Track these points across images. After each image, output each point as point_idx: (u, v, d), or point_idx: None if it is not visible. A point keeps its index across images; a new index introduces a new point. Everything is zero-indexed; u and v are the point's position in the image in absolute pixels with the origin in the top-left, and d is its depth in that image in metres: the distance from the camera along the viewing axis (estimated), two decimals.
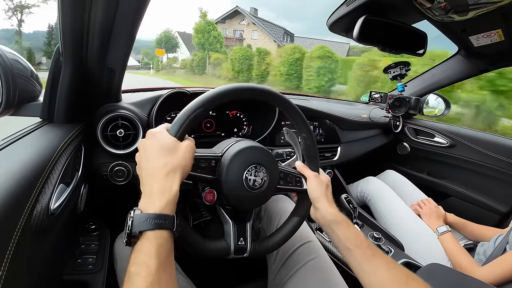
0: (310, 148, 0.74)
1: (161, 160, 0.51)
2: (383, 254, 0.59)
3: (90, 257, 0.81)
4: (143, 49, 44.86)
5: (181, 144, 0.54)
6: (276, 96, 0.68)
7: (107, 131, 0.89)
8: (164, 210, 0.46)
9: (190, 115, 0.57)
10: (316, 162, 0.74)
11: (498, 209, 1.49)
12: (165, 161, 0.51)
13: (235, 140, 0.71)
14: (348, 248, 0.61)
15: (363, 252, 0.59)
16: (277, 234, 0.73)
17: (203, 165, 0.63)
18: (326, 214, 0.66)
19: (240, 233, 0.68)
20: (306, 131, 0.72)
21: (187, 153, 0.54)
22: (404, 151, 1.84)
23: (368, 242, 0.60)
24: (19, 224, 0.44)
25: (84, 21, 0.63)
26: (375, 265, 0.57)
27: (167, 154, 0.52)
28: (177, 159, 0.52)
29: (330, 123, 1.50)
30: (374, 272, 0.56)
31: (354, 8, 1.11)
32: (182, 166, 0.52)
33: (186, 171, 0.54)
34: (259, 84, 0.65)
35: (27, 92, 0.71)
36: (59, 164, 0.62)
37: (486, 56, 1.39)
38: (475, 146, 1.55)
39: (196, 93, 1.02)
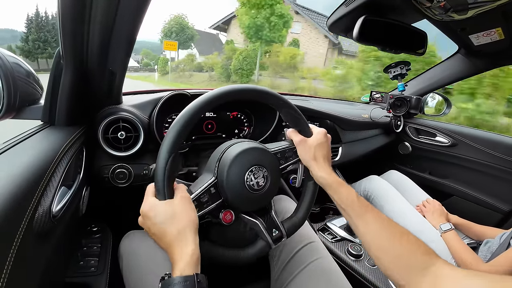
0: (294, 116, 0.73)
1: (168, 231, 0.53)
2: (377, 211, 0.61)
3: (92, 259, 0.81)
4: (143, 50, 43.60)
5: (174, 203, 0.55)
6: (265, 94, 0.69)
7: (108, 134, 0.89)
8: (184, 272, 0.48)
9: (168, 159, 0.56)
10: (302, 125, 0.73)
11: (501, 208, 1.48)
12: (171, 229, 0.52)
13: (234, 142, 0.71)
14: (342, 207, 0.64)
15: (355, 210, 0.61)
16: (301, 206, 0.77)
17: (205, 199, 0.64)
18: (317, 178, 0.69)
19: (270, 225, 0.71)
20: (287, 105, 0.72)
21: (185, 207, 0.56)
22: (405, 151, 1.83)
23: (360, 201, 0.62)
24: (21, 227, 0.44)
25: (84, 24, 0.63)
26: (367, 220, 0.59)
27: (170, 223, 0.53)
28: (180, 219, 0.54)
29: (331, 124, 1.49)
30: (367, 226, 0.59)
31: (353, 8, 1.11)
32: (187, 221, 0.54)
33: (194, 222, 0.56)
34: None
35: (28, 95, 0.71)
36: (61, 166, 0.63)
37: (487, 55, 1.39)
38: (476, 145, 1.55)
39: (196, 94, 1.02)
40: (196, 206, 0.60)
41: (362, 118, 1.63)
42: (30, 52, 30.26)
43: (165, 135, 0.57)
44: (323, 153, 0.71)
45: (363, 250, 1.11)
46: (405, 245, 0.54)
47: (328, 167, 0.70)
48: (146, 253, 0.78)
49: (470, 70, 1.54)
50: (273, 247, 0.70)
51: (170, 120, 1.07)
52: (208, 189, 0.64)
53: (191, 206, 0.57)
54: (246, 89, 0.67)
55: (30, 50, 30.24)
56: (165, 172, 0.56)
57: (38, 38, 30.42)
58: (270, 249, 0.71)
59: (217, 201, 0.65)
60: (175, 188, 0.59)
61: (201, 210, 0.62)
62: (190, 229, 0.53)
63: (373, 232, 0.58)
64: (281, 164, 0.73)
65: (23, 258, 0.44)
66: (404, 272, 0.52)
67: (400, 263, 0.53)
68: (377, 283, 0.97)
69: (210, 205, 0.64)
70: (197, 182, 0.66)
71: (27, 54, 30.13)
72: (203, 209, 0.62)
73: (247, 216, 0.70)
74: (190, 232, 0.53)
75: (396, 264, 0.54)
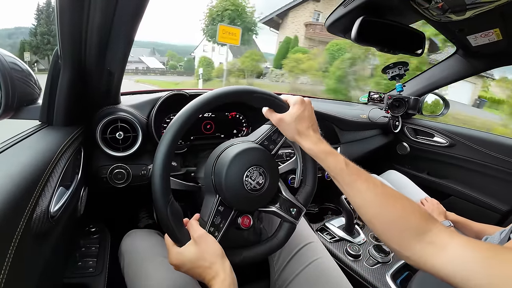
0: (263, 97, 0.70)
1: (199, 270, 0.57)
2: (368, 176, 0.60)
3: (90, 260, 0.81)
4: (168, 51, 41.60)
5: (194, 245, 0.58)
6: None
7: (106, 134, 0.88)
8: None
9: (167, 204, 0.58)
10: (274, 103, 0.69)
11: (499, 208, 1.49)
12: (202, 267, 0.56)
13: (229, 144, 0.71)
14: (332, 176, 0.63)
15: (344, 178, 0.60)
16: (307, 174, 0.78)
17: (218, 220, 0.66)
18: (305, 150, 0.67)
19: (286, 206, 0.73)
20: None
21: (205, 243, 0.58)
22: (403, 151, 1.84)
23: (349, 169, 0.60)
24: (19, 228, 0.44)
25: (82, 23, 0.63)
26: (358, 188, 0.58)
27: (198, 263, 0.57)
28: (205, 257, 0.57)
29: (329, 124, 1.50)
30: (358, 195, 0.58)
31: (351, 9, 1.12)
32: (211, 255, 0.57)
33: (218, 253, 0.58)
34: None
35: (26, 95, 0.71)
36: (59, 167, 0.62)
37: (484, 56, 1.40)
38: (474, 145, 1.55)
39: (195, 94, 1.02)
40: (214, 231, 0.64)
41: (360, 119, 1.63)
42: (39, 47, 27.66)
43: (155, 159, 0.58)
44: (305, 124, 0.67)
45: (361, 250, 1.11)
46: (399, 210, 0.53)
47: (314, 135, 0.66)
48: (147, 251, 0.79)
49: (468, 71, 1.54)
50: (297, 223, 0.73)
51: (168, 120, 1.06)
52: (217, 210, 0.65)
53: (209, 239, 0.60)
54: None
55: (39, 45, 27.66)
56: (169, 218, 0.58)
57: (48, 31, 27.68)
58: (295, 226, 0.74)
59: (229, 216, 0.67)
60: (188, 227, 0.62)
61: (219, 231, 0.65)
62: (217, 259, 0.57)
63: (365, 199, 0.57)
64: (272, 149, 0.73)
65: (21, 259, 0.43)
66: (398, 237, 0.52)
67: (394, 228, 0.53)
68: (376, 284, 0.97)
69: (225, 223, 0.66)
70: (204, 207, 0.68)
71: (35, 50, 27.44)
72: (221, 229, 0.65)
73: (262, 209, 0.72)
74: (218, 263, 0.56)
75: (390, 230, 0.54)
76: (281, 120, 0.67)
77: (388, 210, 0.54)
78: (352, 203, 0.60)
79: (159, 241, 0.84)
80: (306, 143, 0.65)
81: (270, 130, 0.73)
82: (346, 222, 1.22)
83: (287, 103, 0.69)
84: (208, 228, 0.64)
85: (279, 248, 0.73)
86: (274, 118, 0.69)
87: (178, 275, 0.72)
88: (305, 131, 0.66)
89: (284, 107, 0.69)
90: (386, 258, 1.07)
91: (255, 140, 0.72)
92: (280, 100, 0.69)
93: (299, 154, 0.79)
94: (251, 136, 0.75)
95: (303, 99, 0.69)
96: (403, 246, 0.51)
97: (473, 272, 0.42)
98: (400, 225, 0.52)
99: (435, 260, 0.47)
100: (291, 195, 0.74)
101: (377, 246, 1.12)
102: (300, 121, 0.66)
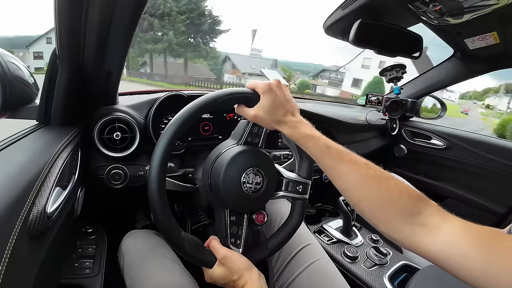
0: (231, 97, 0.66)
1: (234, 283, 0.61)
2: (352, 158, 0.56)
3: (87, 261, 0.80)
4: (281, 66, 35.01)
5: (223, 264, 0.63)
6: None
7: (104, 134, 0.88)
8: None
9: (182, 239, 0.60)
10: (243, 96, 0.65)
11: (496, 210, 1.50)
12: (235, 281, 0.61)
13: (226, 147, 0.71)
14: (315, 160, 0.61)
15: (326, 162, 0.57)
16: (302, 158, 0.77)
17: (235, 230, 0.68)
18: (287, 137, 0.63)
19: (292, 186, 0.74)
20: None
21: (231, 260, 0.63)
22: (401, 153, 1.84)
23: (331, 152, 0.57)
24: (16, 228, 0.43)
25: (80, 23, 0.63)
26: (341, 171, 0.55)
27: (231, 278, 0.61)
28: (234, 272, 0.62)
29: (326, 126, 1.50)
30: (342, 178, 0.56)
31: (350, 11, 1.12)
32: (239, 268, 0.62)
33: (245, 265, 0.63)
34: None
35: (23, 95, 0.70)
36: (56, 167, 0.62)
37: (482, 59, 1.40)
38: (471, 148, 1.56)
39: (192, 96, 1.02)
40: (235, 240, 0.67)
41: (358, 121, 1.63)
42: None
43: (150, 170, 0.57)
44: (281, 112, 0.62)
45: (359, 252, 1.11)
46: (385, 192, 0.50)
47: (292, 120, 0.62)
48: (147, 251, 0.80)
49: (465, 74, 1.55)
50: (307, 197, 0.75)
51: (166, 121, 1.06)
52: (230, 221, 0.67)
53: (233, 256, 0.63)
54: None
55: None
56: (190, 253, 0.61)
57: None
58: (307, 201, 0.76)
59: (244, 221, 0.69)
60: (211, 249, 0.65)
61: (241, 238, 0.68)
62: (244, 272, 0.61)
63: (350, 182, 0.54)
64: (257, 143, 0.72)
65: (17, 259, 0.43)
66: (387, 220, 0.50)
67: (382, 210, 0.51)
68: (374, 286, 0.98)
69: (243, 228, 0.68)
70: (217, 224, 0.70)
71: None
72: (241, 235, 0.68)
73: (272, 199, 0.73)
74: (246, 275, 0.61)
75: (378, 212, 0.52)
76: (255, 116, 0.63)
77: (374, 192, 0.51)
78: (337, 186, 0.57)
79: (159, 241, 0.84)
80: (285, 130, 0.62)
81: (247, 125, 0.71)
82: (344, 224, 1.22)
83: (256, 91, 0.64)
84: (229, 240, 0.66)
85: (299, 226, 0.75)
86: (248, 115, 0.65)
87: (178, 275, 0.73)
88: (282, 118, 0.62)
89: (254, 98, 0.64)
90: (384, 260, 1.07)
91: (238, 141, 0.71)
92: (247, 93, 0.65)
93: (297, 154, 0.79)
94: (232, 138, 0.73)
95: (270, 84, 0.63)
96: (393, 229, 0.49)
97: (467, 258, 0.40)
98: (388, 207, 0.50)
99: (426, 243, 0.45)
100: (293, 174, 0.75)
101: (375, 248, 1.12)
102: (274, 109, 0.62)
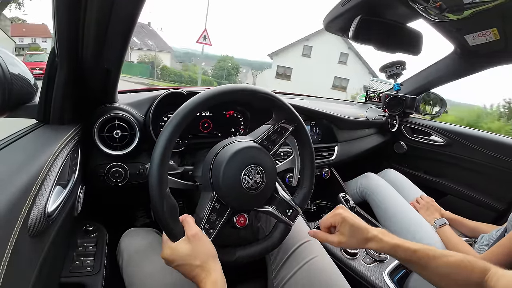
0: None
1: (191, 268, 0.57)
2: (435, 253, 0.61)
3: (88, 259, 0.80)
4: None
5: (188, 242, 0.58)
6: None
7: (103, 132, 0.88)
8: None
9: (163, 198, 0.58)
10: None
11: (495, 206, 1.50)
12: (193, 265, 0.57)
13: (227, 143, 0.71)
14: (404, 263, 0.66)
15: (416, 264, 0.62)
16: (304, 176, 0.79)
17: (214, 217, 0.66)
18: (378, 250, 0.67)
19: (282, 207, 0.74)
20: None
21: (199, 242, 0.59)
22: (401, 150, 1.84)
23: (418, 254, 0.61)
24: (16, 227, 0.43)
25: (79, 21, 0.63)
26: (430, 269, 0.60)
27: (190, 260, 0.57)
28: (197, 255, 0.57)
29: (327, 123, 1.50)
30: (432, 273, 0.60)
31: (350, 7, 1.12)
32: (204, 254, 0.58)
33: (211, 252, 0.60)
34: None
35: (23, 94, 0.70)
36: (56, 165, 0.62)
37: (482, 55, 1.40)
38: (471, 144, 1.56)
39: (192, 93, 1.02)
40: (209, 228, 0.64)
41: (358, 118, 1.63)
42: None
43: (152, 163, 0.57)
44: (361, 232, 0.66)
45: (358, 248, 1.11)
46: (464, 272, 0.57)
47: (374, 236, 0.66)
48: (146, 250, 0.80)
49: (465, 70, 1.55)
50: (292, 225, 0.75)
51: (166, 119, 1.06)
52: (213, 207, 0.65)
53: (203, 238, 0.60)
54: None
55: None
56: (165, 213, 0.58)
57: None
58: (290, 228, 0.75)
59: (225, 214, 0.67)
60: (183, 223, 0.61)
61: (215, 228, 0.65)
62: (209, 259, 0.58)
63: (439, 274, 0.60)
64: (270, 149, 0.73)
65: (18, 258, 0.43)
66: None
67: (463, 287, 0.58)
68: (373, 282, 0.98)
69: (221, 221, 0.66)
70: (200, 204, 0.68)
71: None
72: (216, 227, 0.65)
73: (258, 209, 0.72)
74: (210, 262, 0.57)
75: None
76: (339, 243, 0.68)
77: (457, 275, 0.58)
78: (428, 280, 0.62)
79: (158, 239, 0.84)
80: (374, 246, 0.66)
81: (270, 130, 0.73)
82: None
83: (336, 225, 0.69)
84: (203, 225, 0.64)
85: (273, 248, 0.74)
86: (332, 242, 0.69)
87: (176, 274, 0.73)
88: (366, 236, 0.66)
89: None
90: (383, 256, 1.07)
91: (255, 139, 0.72)
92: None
93: (297, 153, 0.79)
94: (250, 135, 0.75)
95: (339, 212, 0.69)
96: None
97: None
98: (465, 285, 0.57)
99: None
100: (287, 196, 0.75)
101: None
102: (354, 233, 0.66)
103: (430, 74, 1.69)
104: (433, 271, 0.60)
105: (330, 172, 1.50)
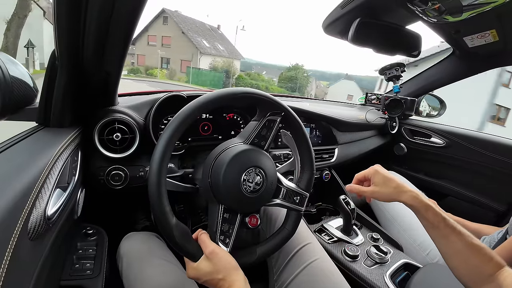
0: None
1: (217, 282, 0.59)
2: (460, 230, 0.63)
3: (88, 262, 0.80)
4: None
5: (208, 259, 0.61)
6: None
7: (103, 135, 0.88)
8: None
9: (172, 224, 0.59)
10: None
11: (496, 207, 1.50)
12: (218, 279, 0.59)
13: (225, 146, 0.71)
14: (427, 228, 0.68)
15: (441, 231, 0.64)
16: (304, 161, 0.79)
17: (226, 227, 0.66)
18: (408, 203, 0.69)
19: (289, 196, 0.75)
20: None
21: (217, 257, 0.60)
22: (401, 152, 1.84)
23: (446, 223, 0.64)
24: (16, 230, 0.43)
25: (80, 24, 0.63)
26: (451, 240, 0.63)
27: (214, 275, 0.59)
28: (219, 269, 0.60)
29: (327, 125, 1.50)
30: (449, 245, 0.63)
31: (348, 10, 1.12)
32: (225, 267, 0.60)
33: (231, 264, 0.61)
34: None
35: (23, 97, 0.70)
36: (56, 168, 0.62)
37: (481, 57, 1.40)
38: (471, 145, 1.56)
39: (192, 96, 1.02)
40: (225, 238, 0.65)
41: (357, 120, 1.63)
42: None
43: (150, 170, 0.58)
44: (394, 183, 0.71)
45: (359, 251, 1.11)
46: (481, 259, 0.59)
47: (410, 190, 0.69)
48: (146, 254, 0.80)
49: (464, 72, 1.55)
50: (303, 210, 0.76)
51: (166, 122, 1.06)
52: (223, 218, 0.66)
53: (221, 253, 0.61)
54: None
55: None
56: (178, 241, 0.59)
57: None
58: (302, 214, 0.76)
59: (236, 221, 0.68)
60: (199, 242, 0.63)
61: (230, 237, 0.66)
62: (231, 271, 0.60)
63: (456, 249, 0.62)
64: (263, 145, 0.74)
65: (17, 261, 0.43)
66: (475, 279, 0.60)
67: (474, 273, 0.60)
68: (374, 284, 0.97)
69: (234, 228, 0.67)
70: (210, 218, 0.68)
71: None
72: (231, 235, 0.66)
73: (266, 204, 0.73)
74: (232, 274, 0.59)
75: (471, 275, 0.61)
76: (373, 192, 0.73)
77: (472, 258, 0.60)
78: (442, 252, 0.65)
79: (158, 243, 0.84)
80: (407, 199, 0.69)
81: (258, 126, 0.72)
82: (344, 223, 1.22)
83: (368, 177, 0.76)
84: (218, 237, 0.65)
85: (290, 237, 0.75)
86: (365, 192, 0.74)
87: (176, 278, 0.73)
88: (401, 188, 0.70)
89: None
90: (385, 259, 1.07)
91: (245, 140, 0.72)
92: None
93: (297, 154, 0.79)
94: (239, 136, 0.74)
95: (374, 168, 0.75)
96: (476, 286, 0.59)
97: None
98: (480, 269, 0.59)
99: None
100: (292, 184, 0.75)
101: (375, 246, 1.12)
102: (387, 183, 0.71)
103: (429, 76, 1.70)
104: (452, 245, 0.62)
105: (330, 174, 1.50)
